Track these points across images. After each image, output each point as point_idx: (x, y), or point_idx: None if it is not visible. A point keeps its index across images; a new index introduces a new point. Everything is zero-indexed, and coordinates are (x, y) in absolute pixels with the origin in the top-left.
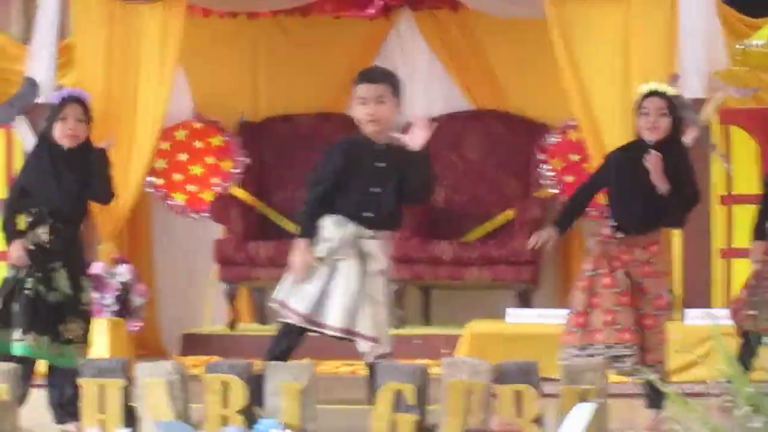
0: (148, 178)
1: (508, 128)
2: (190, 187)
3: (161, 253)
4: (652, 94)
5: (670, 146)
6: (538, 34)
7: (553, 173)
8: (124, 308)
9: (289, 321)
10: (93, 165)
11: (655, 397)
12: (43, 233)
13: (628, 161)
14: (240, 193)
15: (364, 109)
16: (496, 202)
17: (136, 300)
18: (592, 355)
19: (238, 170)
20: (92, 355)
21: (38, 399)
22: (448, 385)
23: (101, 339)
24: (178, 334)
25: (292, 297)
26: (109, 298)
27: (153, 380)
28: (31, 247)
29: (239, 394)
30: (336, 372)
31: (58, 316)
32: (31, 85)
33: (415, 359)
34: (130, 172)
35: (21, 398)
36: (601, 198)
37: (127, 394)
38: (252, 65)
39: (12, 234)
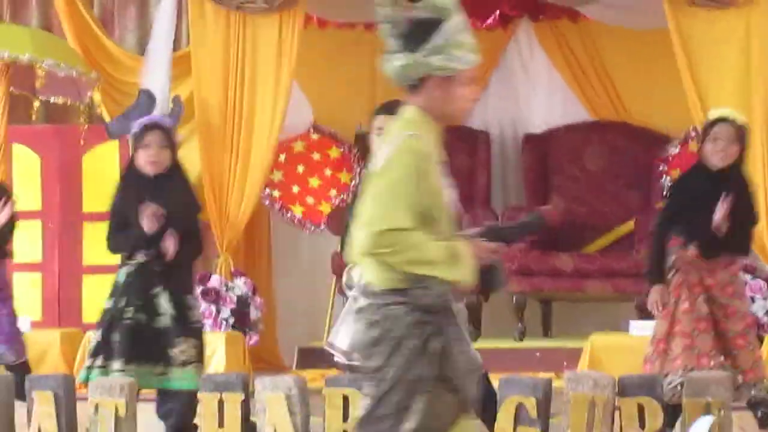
0: (266, 191)
1: (628, 139)
2: (308, 199)
3: (279, 266)
4: (722, 120)
5: (735, 174)
6: (658, 43)
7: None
8: (242, 322)
9: (338, 360)
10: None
11: (763, 413)
12: (141, 258)
13: (697, 186)
14: None
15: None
16: (616, 213)
17: (254, 313)
18: (671, 383)
19: (355, 182)
20: (210, 369)
21: (151, 415)
22: (571, 398)
23: (219, 353)
24: (296, 347)
25: (339, 337)
26: (226, 312)
27: (273, 394)
28: (128, 277)
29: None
30: None
31: (167, 341)
32: (147, 96)
33: (537, 372)
34: (247, 183)
35: None
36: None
37: (247, 408)
38: (370, 76)
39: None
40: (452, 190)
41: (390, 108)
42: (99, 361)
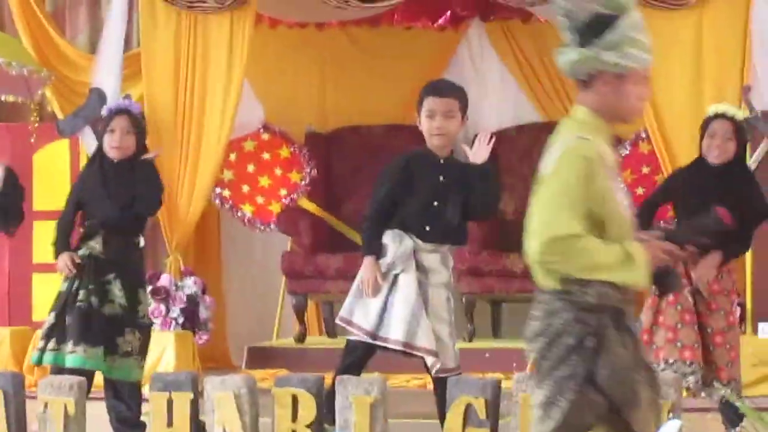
0: (216, 190)
1: None
2: (258, 199)
3: (229, 265)
4: (720, 116)
5: (735, 169)
6: None
7: (623, 185)
8: (192, 321)
9: (355, 338)
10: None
11: (731, 415)
12: (95, 245)
13: (693, 182)
14: (308, 205)
15: (431, 123)
16: None
17: (204, 312)
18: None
19: (306, 182)
20: (160, 368)
21: (101, 413)
22: (520, 399)
23: (168, 352)
24: (245, 347)
25: (357, 314)
26: (176, 311)
27: (222, 394)
28: (82, 260)
29: (309, 408)
30: (406, 386)
31: (114, 329)
32: (98, 96)
33: (486, 373)
34: (197, 183)
35: None
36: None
37: (196, 407)
38: (320, 76)
39: (60, 246)
40: (626, 192)
41: (439, 89)
42: (51, 344)
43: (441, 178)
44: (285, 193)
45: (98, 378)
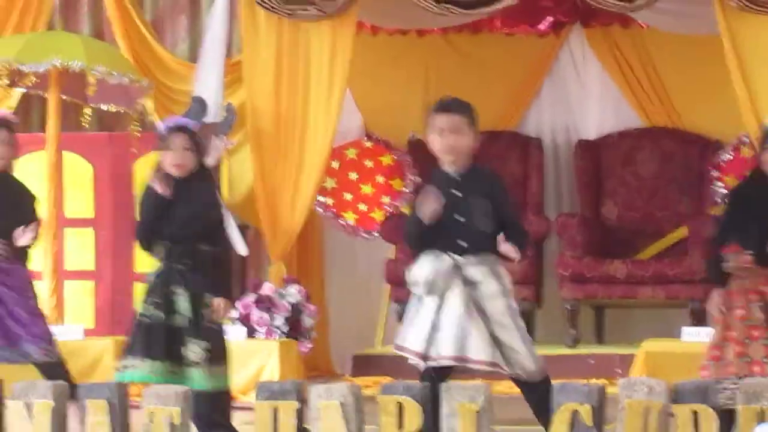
0: (319, 198)
1: (680, 145)
2: (361, 207)
3: (332, 273)
4: None
5: None
6: (710, 49)
7: (726, 190)
8: (295, 329)
9: (412, 363)
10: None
11: None
12: (161, 257)
13: (754, 194)
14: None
15: (440, 140)
16: (669, 219)
17: (307, 321)
18: (726, 389)
19: (408, 189)
20: (265, 377)
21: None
22: (625, 405)
23: (272, 361)
24: (349, 355)
25: (408, 338)
26: (279, 319)
27: (327, 402)
28: (154, 277)
29: (415, 416)
30: (511, 392)
31: (180, 339)
32: (199, 104)
33: (590, 379)
34: (300, 191)
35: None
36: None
37: (301, 416)
38: (422, 83)
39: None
40: None
41: (446, 106)
42: (127, 362)
43: (457, 193)
44: (388, 200)
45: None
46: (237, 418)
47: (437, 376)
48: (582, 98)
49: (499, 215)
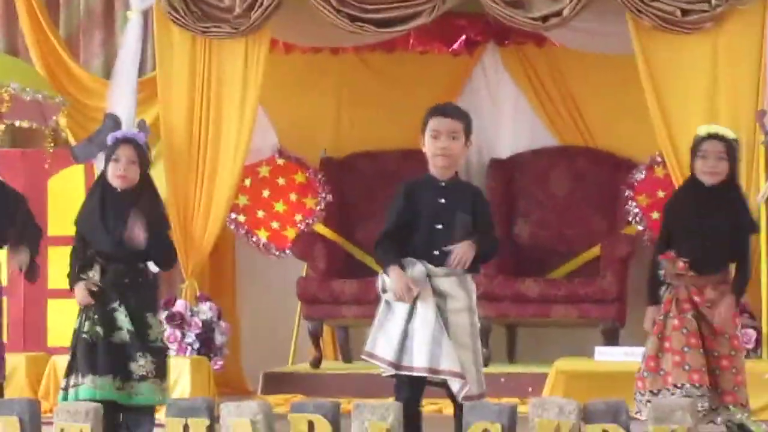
0: (231, 215)
1: (594, 164)
2: (273, 224)
3: (244, 291)
4: (711, 137)
5: (727, 190)
6: (624, 69)
7: (639, 210)
8: (207, 347)
9: (383, 372)
10: (148, 210)
11: None
12: (94, 274)
13: (687, 203)
14: (323, 230)
15: (435, 143)
16: (582, 238)
17: (219, 338)
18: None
19: (321, 207)
20: (175, 394)
21: None
22: (536, 424)
23: (184, 378)
24: (260, 372)
25: (379, 346)
26: (191, 336)
27: (238, 420)
28: (97, 286)
29: None
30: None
31: (124, 355)
32: (113, 120)
33: (501, 398)
34: (212, 208)
35: None
36: None
37: None
38: (335, 101)
39: (74, 278)
40: None
41: (444, 110)
42: (72, 381)
43: (442, 201)
44: (300, 218)
45: None
46: None
47: (412, 386)
48: (495, 117)
49: (476, 227)
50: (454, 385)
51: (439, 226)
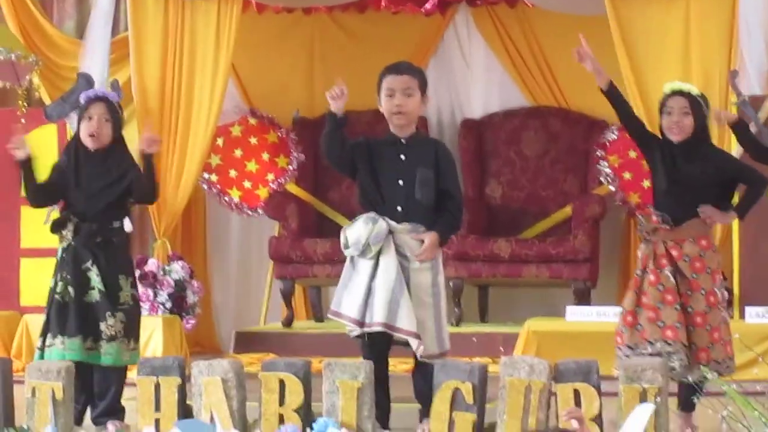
0: (204, 175)
1: (566, 125)
2: (246, 184)
3: (216, 250)
4: (675, 93)
5: (698, 147)
6: (596, 30)
7: (611, 170)
8: (179, 306)
9: (349, 331)
10: (122, 167)
11: (686, 399)
12: (67, 233)
13: (659, 158)
14: (295, 189)
15: (391, 101)
16: (554, 198)
17: (191, 297)
18: (642, 354)
19: (293, 167)
20: (147, 353)
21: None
22: (507, 384)
23: (156, 337)
24: (232, 331)
25: (344, 304)
26: (163, 296)
27: (210, 378)
28: (62, 252)
29: (296, 393)
30: (393, 370)
31: (95, 315)
32: (85, 80)
33: (473, 357)
34: (185, 168)
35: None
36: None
37: (183, 392)
38: (307, 61)
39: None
40: None
41: (397, 68)
42: (46, 341)
43: (402, 157)
44: (272, 177)
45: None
46: None
47: (375, 341)
48: (467, 78)
49: (439, 185)
50: (413, 343)
51: (401, 182)
